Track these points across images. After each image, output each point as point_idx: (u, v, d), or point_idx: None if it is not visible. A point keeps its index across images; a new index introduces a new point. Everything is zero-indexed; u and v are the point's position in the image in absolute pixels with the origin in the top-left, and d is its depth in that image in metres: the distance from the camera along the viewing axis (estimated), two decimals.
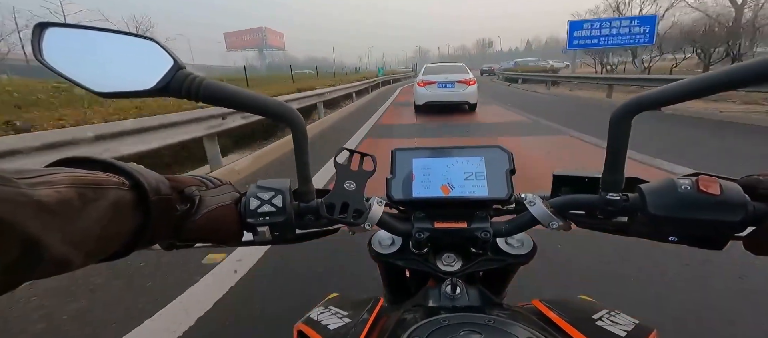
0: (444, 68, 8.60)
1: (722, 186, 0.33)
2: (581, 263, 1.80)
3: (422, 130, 6.47)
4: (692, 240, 0.36)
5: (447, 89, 7.89)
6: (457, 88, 7.86)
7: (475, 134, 5.89)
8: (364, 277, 1.72)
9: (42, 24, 0.29)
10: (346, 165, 0.41)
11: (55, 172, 0.22)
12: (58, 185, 0.21)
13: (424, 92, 8.05)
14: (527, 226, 0.43)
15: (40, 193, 0.20)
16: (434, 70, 8.58)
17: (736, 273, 1.65)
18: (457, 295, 0.42)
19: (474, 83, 7.97)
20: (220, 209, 0.35)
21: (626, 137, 0.36)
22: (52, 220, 0.20)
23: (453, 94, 7.86)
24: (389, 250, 0.47)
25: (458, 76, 7.98)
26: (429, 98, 8.01)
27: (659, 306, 1.47)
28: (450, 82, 7.89)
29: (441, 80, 7.92)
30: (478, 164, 0.46)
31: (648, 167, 3.46)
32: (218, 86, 0.34)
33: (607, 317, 0.39)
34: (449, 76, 7.99)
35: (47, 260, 0.20)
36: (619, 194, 0.38)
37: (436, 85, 7.95)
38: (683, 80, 0.31)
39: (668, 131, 5.11)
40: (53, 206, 0.20)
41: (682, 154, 3.85)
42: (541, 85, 16.60)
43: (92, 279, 1.82)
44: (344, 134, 6.12)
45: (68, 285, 1.76)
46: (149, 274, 1.86)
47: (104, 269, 1.85)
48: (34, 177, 0.21)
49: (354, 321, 0.41)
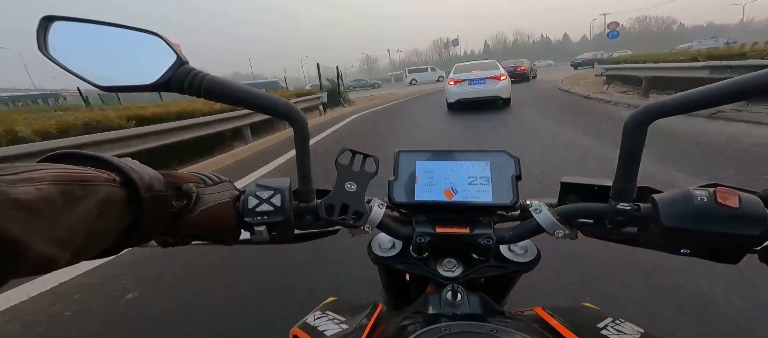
0: (474, 66, 8.74)
1: (742, 199, 0.31)
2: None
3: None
4: (706, 254, 0.35)
5: (477, 85, 8.00)
6: (488, 84, 7.94)
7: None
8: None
9: (48, 17, 0.29)
10: (347, 166, 0.40)
11: (38, 169, 0.22)
12: (40, 183, 0.21)
13: (456, 90, 8.21)
14: (532, 233, 0.41)
15: (18, 191, 0.19)
16: (464, 68, 8.76)
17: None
18: (458, 302, 0.41)
19: (506, 78, 8.04)
20: (217, 206, 0.35)
21: (641, 144, 0.34)
22: (32, 218, 0.20)
23: (484, 90, 7.93)
24: (389, 253, 0.46)
25: (489, 72, 8.12)
26: (460, 95, 8.16)
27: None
28: (480, 79, 7.99)
29: (471, 77, 8.06)
30: (483, 168, 0.45)
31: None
32: (221, 82, 0.33)
33: (611, 325, 0.38)
34: (479, 73, 8.12)
35: (29, 259, 0.20)
36: (630, 203, 0.36)
37: (466, 83, 8.12)
38: (703, 87, 0.30)
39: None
40: (34, 204, 0.20)
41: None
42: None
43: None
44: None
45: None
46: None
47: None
48: (13, 174, 0.20)
49: (351, 327, 0.41)
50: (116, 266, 2.04)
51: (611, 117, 5.84)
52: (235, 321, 1.56)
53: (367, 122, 8.55)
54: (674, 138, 3.92)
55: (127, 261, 2.10)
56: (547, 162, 3.63)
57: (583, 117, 6.15)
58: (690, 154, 3.44)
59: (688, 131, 4.20)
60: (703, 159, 3.27)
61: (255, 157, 5.28)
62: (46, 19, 0.29)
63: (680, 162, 3.23)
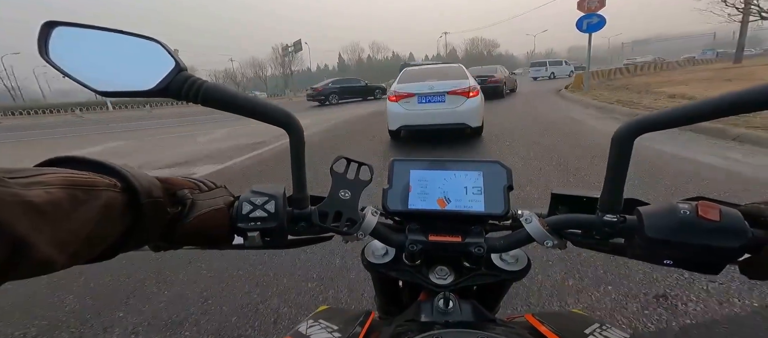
0: (430, 73, 5.52)
1: (722, 212, 0.32)
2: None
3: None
4: (688, 265, 0.36)
5: (433, 104, 4.95)
6: (449, 103, 4.89)
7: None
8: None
9: (50, 23, 0.30)
10: (342, 174, 0.41)
11: (47, 172, 0.22)
12: (50, 186, 0.21)
13: (399, 111, 5.06)
14: (522, 243, 0.42)
15: (31, 193, 0.20)
16: (415, 75, 5.49)
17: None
18: (450, 309, 0.42)
19: (477, 94, 4.94)
20: (211, 212, 0.35)
21: (627, 158, 0.35)
22: (41, 220, 0.20)
23: (443, 113, 4.89)
24: (382, 260, 0.47)
25: (451, 83, 4.94)
26: (406, 119, 5.04)
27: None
28: (437, 95, 4.93)
29: (424, 91, 4.95)
30: (476, 178, 0.46)
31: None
32: (218, 89, 0.34)
33: (598, 331, 0.38)
34: (437, 84, 4.96)
35: (32, 260, 0.20)
36: (616, 215, 0.37)
37: (415, 99, 4.98)
38: (691, 103, 0.31)
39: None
40: (43, 206, 0.20)
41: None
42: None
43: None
44: None
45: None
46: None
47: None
48: (26, 177, 0.20)
49: (344, 336, 0.41)
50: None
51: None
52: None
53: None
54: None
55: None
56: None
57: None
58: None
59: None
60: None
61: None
62: (47, 24, 0.29)
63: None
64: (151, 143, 7.93)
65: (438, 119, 4.91)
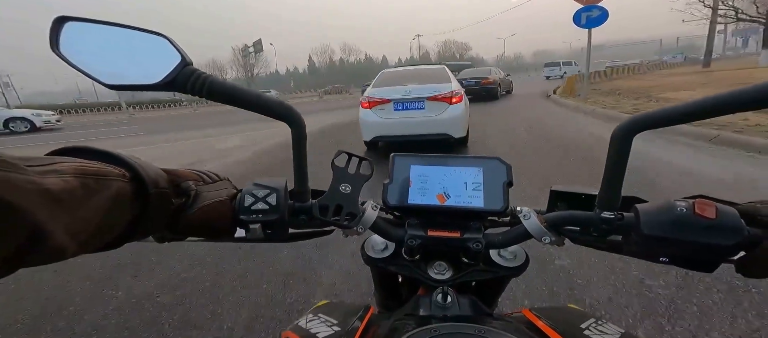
0: (408, 75, 4.92)
1: (719, 210, 0.32)
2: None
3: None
4: (684, 262, 0.36)
5: (410, 112, 4.37)
6: (430, 110, 4.32)
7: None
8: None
9: (61, 18, 0.30)
10: (343, 168, 0.41)
11: (62, 161, 0.22)
12: (65, 175, 0.21)
13: (374, 119, 4.46)
14: (520, 239, 0.43)
15: (48, 181, 0.20)
16: (393, 78, 4.90)
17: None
18: (448, 304, 0.42)
19: (460, 100, 4.38)
20: (214, 204, 0.35)
21: (626, 155, 0.35)
22: (58, 208, 0.20)
23: (421, 122, 4.33)
24: (381, 255, 0.47)
25: (431, 88, 4.36)
26: (381, 129, 4.48)
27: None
28: (416, 101, 4.34)
29: (402, 97, 4.37)
30: (475, 174, 0.46)
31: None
32: (222, 83, 0.34)
33: (594, 326, 0.39)
34: (416, 89, 4.37)
35: (47, 248, 0.20)
36: (614, 212, 0.38)
37: (391, 105, 4.39)
38: (690, 101, 0.32)
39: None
40: (60, 194, 0.20)
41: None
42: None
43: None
44: None
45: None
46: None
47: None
48: (42, 165, 0.21)
49: (344, 330, 0.41)
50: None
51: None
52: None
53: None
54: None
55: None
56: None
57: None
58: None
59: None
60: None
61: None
62: (59, 19, 0.30)
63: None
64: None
65: (416, 129, 4.34)
